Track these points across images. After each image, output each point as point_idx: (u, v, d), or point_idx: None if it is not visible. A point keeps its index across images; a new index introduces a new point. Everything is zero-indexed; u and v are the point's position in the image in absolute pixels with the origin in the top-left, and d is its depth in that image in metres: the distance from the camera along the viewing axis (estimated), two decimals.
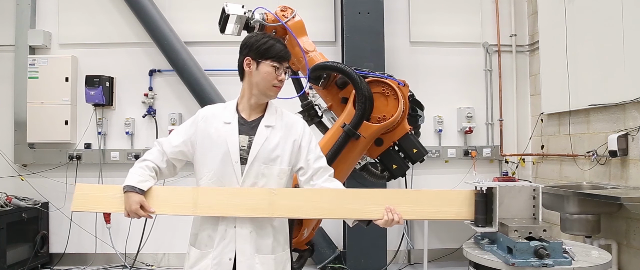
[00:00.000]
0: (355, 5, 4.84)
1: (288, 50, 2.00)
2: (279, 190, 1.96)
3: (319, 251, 4.81)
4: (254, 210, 1.92)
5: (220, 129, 1.97)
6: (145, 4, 4.91)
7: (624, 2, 3.62)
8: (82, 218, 5.04)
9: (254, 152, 1.93)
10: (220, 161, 1.94)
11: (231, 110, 2.01)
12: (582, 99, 4.15)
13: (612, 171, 3.88)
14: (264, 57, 1.94)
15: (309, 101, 2.83)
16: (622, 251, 3.73)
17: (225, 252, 1.92)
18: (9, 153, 5.09)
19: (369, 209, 1.96)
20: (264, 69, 1.94)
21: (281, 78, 1.96)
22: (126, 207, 1.91)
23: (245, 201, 1.92)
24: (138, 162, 2.02)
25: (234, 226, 1.93)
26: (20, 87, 5.04)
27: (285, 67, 1.98)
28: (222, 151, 1.94)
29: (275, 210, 1.93)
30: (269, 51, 1.93)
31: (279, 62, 1.95)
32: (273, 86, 1.95)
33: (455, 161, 5.26)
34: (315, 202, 1.97)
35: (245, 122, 1.99)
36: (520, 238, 2.35)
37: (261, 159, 1.94)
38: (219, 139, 1.95)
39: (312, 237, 2.77)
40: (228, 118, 1.99)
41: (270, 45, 1.94)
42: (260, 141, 1.95)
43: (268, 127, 1.98)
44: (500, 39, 5.32)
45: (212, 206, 1.92)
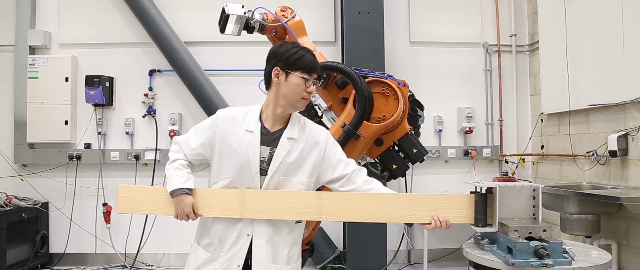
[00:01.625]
0: (355, 5, 4.84)
1: (317, 61, 1.96)
2: (327, 194, 2.00)
3: (319, 251, 4.81)
4: (301, 213, 1.97)
5: (242, 137, 1.92)
6: (145, 4, 4.91)
7: (624, 2, 3.62)
8: (82, 218, 5.05)
9: (275, 165, 1.91)
10: (240, 170, 1.91)
11: (254, 118, 1.96)
12: (582, 99, 4.15)
13: (612, 171, 3.88)
14: (294, 68, 1.89)
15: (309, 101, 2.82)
16: (622, 251, 3.73)
17: (235, 260, 1.90)
18: (9, 153, 5.09)
19: (416, 214, 2.02)
20: (293, 80, 1.89)
21: (310, 90, 1.92)
22: (178, 210, 1.91)
23: (293, 205, 1.95)
24: (171, 163, 1.99)
25: (247, 234, 1.92)
26: (20, 87, 5.04)
27: (314, 78, 1.93)
28: (242, 160, 1.91)
29: (322, 213, 1.98)
30: (299, 62, 1.89)
31: (309, 74, 1.90)
32: (302, 98, 1.92)
33: (455, 161, 5.26)
34: (363, 206, 2.02)
35: (268, 133, 1.95)
36: (520, 238, 2.35)
37: (281, 172, 1.92)
38: (240, 148, 1.91)
39: (312, 237, 2.77)
40: (250, 126, 1.94)
41: (300, 55, 1.90)
42: (281, 154, 1.92)
43: (290, 140, 1.94)
44: (500, 39, 5.33)
45: (260, 210, 1.93)
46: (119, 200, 2.03)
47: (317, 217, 1.98)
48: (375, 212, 2.03)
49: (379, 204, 2.03)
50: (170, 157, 2.01)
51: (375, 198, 2.04)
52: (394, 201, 2.05)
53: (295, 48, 1.93)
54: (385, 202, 2.04)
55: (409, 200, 2.07)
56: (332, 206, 1.99)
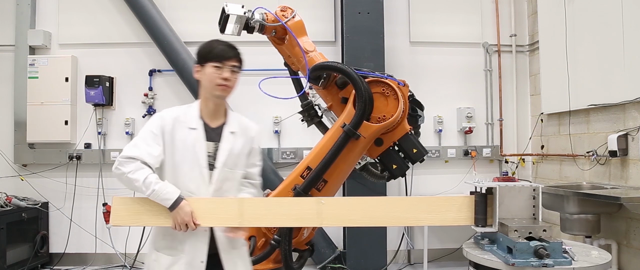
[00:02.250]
0: (355, 5, 4.84)
1: (231, 50, 2.03)
2: (327, 199, 2.02)
3: (319, 251, 4.81)
4: (302, 219, 2.00)
5: (187, 135, 1.99)
6: (145, 4, 4.91)
7: (624, 2, 3.62)
8: (82, 218, 5.05)
9: (222, 158, 2.00)
10: (189, 167, 1.97)
11: (195, 116, 2.04)
12: (582, 99, 4.15)
13: (612, 171, 3.88)
14: (206, 60, 2.00)
15: (309, 101, 2.83)
16: (622, 251, 3.73)
17: (197, 256, 1.96)
18: (9, 153, 5.09)
19: (417, 216, 2.01)
20: (207, 70, 1.99)
21: (225, 76, 1.98)
22: (178, 220, 1.90)
23: (293, 211, 1.98)
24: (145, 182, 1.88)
25: (205, 229, 1.98)
26: (20, 87, 5.04)
27: (231, 65, 2.00)
28: (190, 157, 1.97)
29: (323, 219, 1.99)
30: (210, 53, 2.00)
31: (220, 62, 1.98)
32: (217, 85, 1.98)
33: (455, 161, 5.26)
34: (363, 210, 2.03)
35: (210, 129, 2.04)
36: (520, 238, 2.34)
37: (228, 165, 2.01)
38: (187, 145, 1.97)
39: (312, 237, 2.77)
40: (193, 124, 2.01)
41: (211, 48, 2.01)
42: (226, 148, 2.01)
43: (232, 134, 2.06)
44: (500, 39, 5.32)
45: (259, 217, 1.96)
46: (113, 212, 2.00)
47: (318, 223, 1.99)
48: (375, 216, 2.03)
49: (379, 208, 2.03)
50: (137, 177, 1.88)
51: (376, 202, 2.04)
52: (394, 204, 2.05)
53: (208, 43, 2.05)
54: (385, 205, 2.04)
55: (409, 203, 2.07)
56: (332, 211, 2.00)
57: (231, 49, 2.04)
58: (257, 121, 2.19)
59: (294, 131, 5.09)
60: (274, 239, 2.43)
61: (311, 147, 2.77)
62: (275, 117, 5.10)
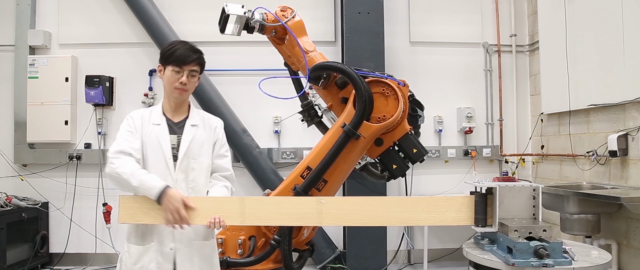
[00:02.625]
0: (355, 5, 4.84)
1: (193, 54, 2.13)
2: (327, 199, 2.04)
3: (319, 251, 4.81)
4: (302, 219, 2.01)
5: (152, 130, 2.15)
6: (145, 4, 4.91)
7: (624, 2, 3.62)
8: (82, 218, 5.05)
9: (183, 150, 2.13)
10: (155, 159, 2.11)
11: (158, 113, 2.21)
12: (582, 99, 4.15)
13: (612, 171, 3.88)
14: (167, 62, 2.12)
15: (309, 101, 2.83)
16: (622, 251, 3.73)
17: (165, 243, 2.08)
18: (9, 153, 5.09)
19: (417, 216, 2.02)
20: (167, 73, 2.13)
21: (182, 80, 2.10)
22: (170, 209, 1.96)
23: (293, 211, 2.00)
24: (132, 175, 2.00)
25: None
26: (20, 87, 5.04)
27: (190, 69, 2.11)
28: (155, 150, 2.12)
29: (323, 219, 2.01)
30: (170, 57, 2.10)
31: (179, 66, 2.09)
32: (175, 88, 2.12)
33: (455, 161, 5.26)
34: (363, 210, 2.04)
35: (173, 123, 2.19)
36: (520, 238, 2.34)
37: (190, 155, 2.14)
38: (152, 139, 2.13)
39: (312, 237, 2.77)
40: (156, 120, 2.18)
41: (172, 51, 2.11)
42: (188, 139, 2.16)
43: (193, 126, 2.20)
44: (500, 39, 5.33)
45: (260, 216, 1.99)
46: (121, 210, 2.05)
47: (318, 223, 1.99)
48: (375, 215, 2.03)
49: (379, 208, 2.03)
50: (125, 170, 2.00)
51: (376, 202, 2.04)
52: (393, 204, 2.05)
53: (171, 45, 2.16)
54: (385, 205, 2.05)
55: (409, 203, 2.08)
56: (332, 211, 2.01)
57: (192, 52, 2.14)
58: (257, 121, 2.23)
59: (294, 131, 5.09)
60: (274, 239, 2.43)
61: (311, 147, 2.77)
62: (275, 117, 5.10)
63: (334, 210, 2.02)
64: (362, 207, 2.04)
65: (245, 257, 2.49)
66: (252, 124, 5.02)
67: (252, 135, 4.95)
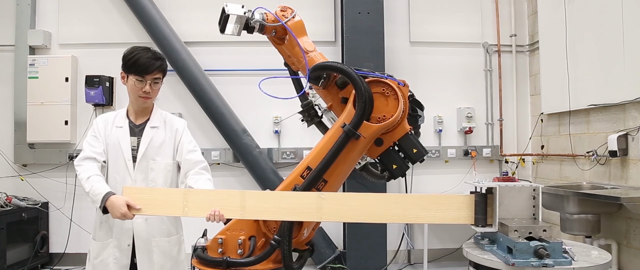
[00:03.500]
0: (355, 5, 4.84)
1: (155, 62, 2.19)
2: (327, 195, 2.05)
3: (319, 251, 4.81)
4: (302, 214, 2.02)
5: (115, 133, 2.26)
6: (145, 4, 4.91)
7: (624, 2, 3.62)
8: (82, 218, 5.05)
9: (142, 150, 2.23)
10: (115, 160, 2.23)
11: (122, 116, 2.32)
12: (582, 99, 4.15)
13: (612, 171, 3.88)
14: (129, 71, 2.20)
15: (308, 101, 2.82)
16: (622, 251, 3.73)
17: (124, 239, 2.20)
18: (9, 153, 5.09)
19: (417, 214, 2.03)
20: (130, 82, 2.22)
21: (145, 90, 2.19)
22: (116, 215, 2.01)
23: (293, 205, 2.01)
24: (86, 181, 2.13)
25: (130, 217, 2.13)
26: (20, 87, 5.04)
27: (153, 78, 2.19)
28: (116, 151, 2.23)
29: (323, 214, 2.02)
30: (132, 66, 2.17)
31: (141, 76, 2.17)
32: (139, 97, 2.23)
33: (455, 161, 5.26)
34: (364, 207, 2.06)
35: (135, 126, 2.30)
36: (520, 238, 2.34)
37: (149, 156, 2.24)
38: (113, 141, 2.24)
39: (312, 237, 2.77)
40: (119, 122, 2.29)
41: (134, 60, 2.17)
42: (146, 140, 2.25)
43: (153, 128, 2.29)
44: (500, 39, 5.33)
45: (260, 210, 2.01)
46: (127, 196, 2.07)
47: (317, 218, 1.99)
48: (375, 212, 2.03)
49: (380, 204, 2.04)
50: (82, 176, 2.15)
51: (376, 198, 2.04)
52: (394, 201, 2.05)
53: (133, 52, 2.20)
54: (386, 202, 2.05)
55: (409, 201, 2.08)
56: (332, 207, 2.01)
57: (154, 60, 2.19)
58: (257, 121, 2.24)
59: (294, 131, 5.09)
60: (274, 239, 2.42)
61: (311, 147, 2.77)
62: (275, 117, 5.10)
63: (334, 205, 2.02)
64: (362, 203, 2.05)
65: (245, 257, 2.49)
66: (252, 124, 5.02)
67: (252, 135, 4.95)
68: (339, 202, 2.04)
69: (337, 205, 2.03)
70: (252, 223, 2.53)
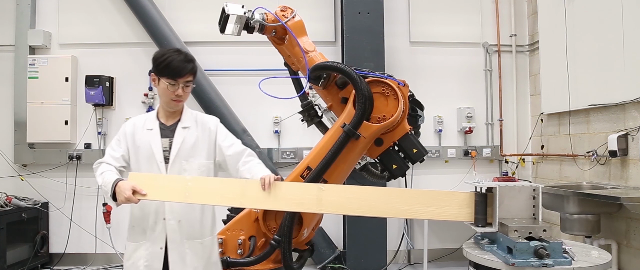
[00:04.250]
0: (355, 5, 4.84)
1: (187, 65, 2.14)
2: (328, 186, 2.05)
3: (319, 251, 4.81)
4: (301, 205, 2.00)
5: (144, 136, 2.22)
6: (145, 4, 4.91)
7: (624, 2, 3.62)
8: (82, 218, 5.05)
9: (174, 151, 2.19)
10: (147, 163, 2.18)
11: (152, 118, 2.28)
12: (582, 99, 4.15)
13: (612, 171, 3.88)
14: (161, 74, 2.14)
15: (309, 101, 2.82)
16: (622, 251, 3.73)
17: (156, 242, 2.15)
18: (9, 153, 5.09)
19: (416, 209, 2.03)
20: (162, 85, 2.16)
21: (178, 93, 2.15)
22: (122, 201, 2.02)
23: (293, 196, 2.00)
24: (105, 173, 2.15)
25: (163, 218, 2.15)
26: (20, 87, 5.04)
27: (185, 81, 2.15)
28: (148, 154, 2.18)
29: (322, 206, 2.01)
30: (164, 70, 2.12)
31: (174, 79, 2.12)
32: (171, 100, 2.19)
33: (455, 161, 5.26)
34: (364, 200, 2.05)
35: (166, 127, 2.25)
36: (520, 238, 2.34)
37: (182, 156, 2.19)
38: (144, 144, 2.20)
39: (312, 237, 2.77)
40: (149, 125, 2.25)
41: (167, 63, 2.11)
42: (179, 141, 2.20)
43: (185, 129, 2.24)
44: (500, 39, 5.33)
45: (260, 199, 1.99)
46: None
47: (317, 209, 1.99)
48: (375, 206, 2.03)
49: (380, 198, 2.03)
50: (97, 173, 2.20)
51: (376, 192, 2.04)
52: (395, 196, 2.05)
53: (164, 55, 2.15)
54: (387, 196, 2.04)
55: (409, 196, 2.08)
56: (332, 198, 2.01)
57: (186, 63, 2.15)
58: (257, 121, 2.25)
59: (294, 131, 5.09)
60: (274, 239, 2.43)
61: (311, 147, 2.77)
62: (275, 117, 5.10)
63: (334, 197, 2.01)
64: (362, 196, 2.04)
65: (245, 257, 2.49)
66: (252, 124, 5.02)
67: (252, 135, 4.95)
68: (339, 194, 2.03)
69: (338, 197, 2.02)
70: (252, 223, 2.53)
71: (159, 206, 2.16)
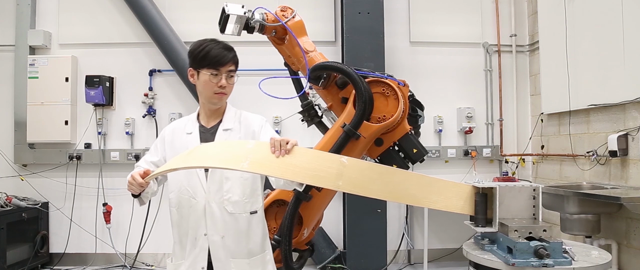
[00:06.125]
0: (355, 5, 4.84)
1: (228, 53, 1.96)
2: (351, 162, 1.79)
3: (319, 251, 4.81)
4: (318, 177, 1.70)
5: (183, 141, 1.98)
6: (145, 4, 4.91)
7: (624, 2, 3.62)
8: (82, 218, 5.05)
9: None
10: (186, 171, 1.93)
11: (192, 121, 2.05)
12: (582, 99, 4.15)
13: (612, 171, 3.88)
14: (201, 65, 1.93)
15: (309, 101, 2.83)
16: (622, 251, 3.73)
17: (198, 261, 1.90)
18: (9, 153, 5.09)
19: (430, 198, 1.98)
20: (203, 77, 1.94)
21: (221, 84, 1.94)
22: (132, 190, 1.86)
23: (310, 166, 1.70)
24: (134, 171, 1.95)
25: (204, 234, 1.91)
26: (20, 87, 5.04)
27: (227, 70, 1.95)
28: None
29: (341, 182, 1.72)
30: (204, 59, 1.92)
31: (216, 68, 1.92)
32: (215, 93, 1.95)
33: (455, 161, 5.26)
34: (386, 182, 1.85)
35: (206, 130, 2.01)
36: (520, 238, 2.34)
37: None
38: (182, 150, 1.93)
39: (312, 237, 2.77)
40: (189, 128, 2.01)
41: (206, 51, 1.92)
42: None
43: (226, 131, 1.99)
44: (500, 39, 5.32)
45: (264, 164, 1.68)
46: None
47: (333, 185, 1.69)
48: (395, 190, 1.88)
49: (402, 182, 1.92)
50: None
51: (400, 175, 1.94)
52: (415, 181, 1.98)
53: (202, 45, 1.95)
54: (408, 180, 1.95)
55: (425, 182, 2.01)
56: (354, 175, 1.74)
57: (227, 51, 1.97)
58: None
59: (294, 131, 5.09)
60: (274, 239, 2.43)
61: (311, 147, 2.77)
62: (275, 117, 5.11)
63: (357, 174, 1.75)
64: (385, 178, 1.83)
65: None
66: None
67: None
68: (363, 172, 1.78)
69: (360, 175, 1.77)
70: None
71: (199, 219, 1.91)
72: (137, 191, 1.85)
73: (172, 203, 2.00)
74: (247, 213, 1.96)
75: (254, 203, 1.99)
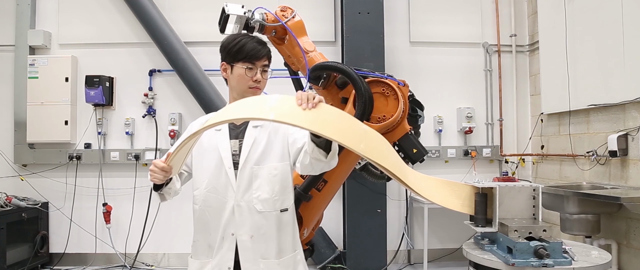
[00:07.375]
0: (355, 5, 4.85)
1: (263, 48, 1.93)
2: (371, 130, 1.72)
3: (319, 251, 4.81)
4: (343, 135, 1.56)
5: (212, 137, 1.92)
6: (145, 4, 4.91)
7: (624, 2, 3.62)
8: (82, 218, 5.05)
9: (245, 155, 1.87)
10: (214, 168, 1.88)
11: None
12: (582, 99, 4.15)
13: (612, 171, 3.88)
14: (235, 59, 1.91)
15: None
16: (622, 251, 3.73)
17: (224, 261, 1.84)
18: (9, 153, 5.09)
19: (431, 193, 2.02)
20: (237, 71, 1.92)
21: (256, 78, 1.91)
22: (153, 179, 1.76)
23: (335, 121, 1.60)
24: None
25: (232, 233, 1.84)
26: (20, 87, 5.04)
27: (262, 65, 1.92)
28: (215, 159, 1.88)
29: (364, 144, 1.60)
30: (239, 52, 1.89)
31: (251, 62, 1.90)
32: (249, 88, 1.92)
33: (455, 161, 5.26)
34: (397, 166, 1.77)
35: (235, 127, 1.95)
36: (520, 238, 2.34)
37: (252, 161, 1.86)
38: (211, 147, 1.89)
39: (312, 237, 2.77)
40: (219, 125, 1.90)
41: (241, 45, 1.89)
42: (249, 143, 1.88)
43: (256, 128, 1.92)
44: (500, 39, 5.33)
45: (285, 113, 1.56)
46: None
47: (356, 147, 1.56)
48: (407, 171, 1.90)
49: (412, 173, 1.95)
50: None
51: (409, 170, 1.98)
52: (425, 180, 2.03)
53: (236, 39, 1.93)
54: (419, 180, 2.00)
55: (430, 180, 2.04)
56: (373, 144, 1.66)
57: (262, 45, 1.93)
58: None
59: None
60: None
61: None
62: None
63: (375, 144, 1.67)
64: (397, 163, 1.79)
65: None
66: None
67: None
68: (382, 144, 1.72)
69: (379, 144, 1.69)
70: None
71: (226, 218, 1.84)
72: (161, 178, 1.73)
73: (197, 200, 1.92)
74: (277, 211, 1.90)
75: (284, 200, 1.92)
